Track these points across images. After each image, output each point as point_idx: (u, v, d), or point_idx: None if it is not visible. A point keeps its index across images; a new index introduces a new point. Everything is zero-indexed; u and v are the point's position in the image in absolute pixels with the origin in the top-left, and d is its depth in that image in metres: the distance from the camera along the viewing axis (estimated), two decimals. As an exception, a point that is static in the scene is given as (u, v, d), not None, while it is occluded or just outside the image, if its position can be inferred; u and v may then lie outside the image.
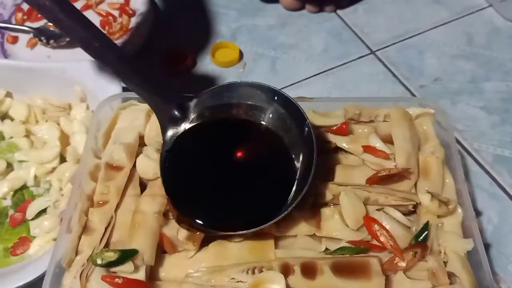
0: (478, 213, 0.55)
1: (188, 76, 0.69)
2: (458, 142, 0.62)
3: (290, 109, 0.46)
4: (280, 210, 0.42)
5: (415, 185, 0.47)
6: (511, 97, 0.66)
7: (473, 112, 0.65)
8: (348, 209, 0.45)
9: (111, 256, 0.41)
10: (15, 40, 0.72)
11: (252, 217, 0.43)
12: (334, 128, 0.50)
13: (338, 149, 0.50)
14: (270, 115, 0.47)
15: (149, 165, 0.48)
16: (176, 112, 0.47)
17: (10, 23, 0.74)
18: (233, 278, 0.42)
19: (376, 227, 0.44)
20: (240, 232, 0.43)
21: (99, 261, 0.41)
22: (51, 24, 0.44)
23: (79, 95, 0.60)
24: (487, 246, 0.53)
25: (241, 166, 0.47)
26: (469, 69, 0.70)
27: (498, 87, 0.68)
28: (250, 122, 0.47)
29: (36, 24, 0.73)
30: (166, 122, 0.47)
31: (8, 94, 0.62)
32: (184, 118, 0.47)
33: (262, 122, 0.47)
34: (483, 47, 0.72)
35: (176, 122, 0.47)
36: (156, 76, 0.47)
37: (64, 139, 0.58)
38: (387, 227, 0.44)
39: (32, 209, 0.54)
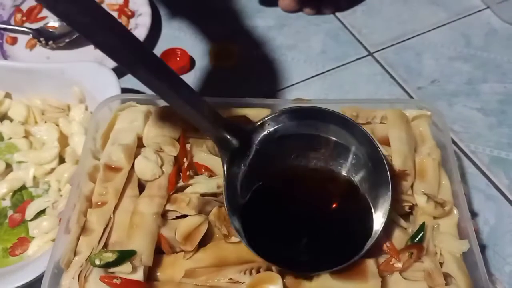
0: (474, 214, 0.56)
1: (187, 77, 0.69)
2: (455, 143, 0.62)
3: (370, 149, 0.44)
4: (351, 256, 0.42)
5: (412, 186, 0.47)
6: (508, 99, 0.67)
7: (470, 114, 0.65)
8: None
9: (110, 256, 0.41)
10: (14, 41, 0.72)
11: (323, 259, 0.43)
12: (331, 129, 0.50)
13: (335, 151, 0.50)
14: (353, 156, 0.45)
15: (147, 166, 0.48)
16: (233, 141, 0.44)
17: (9, 24, 0.74)
18: (230, 279, 0.42)
19: (373, 228, 0.44)
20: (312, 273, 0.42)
21: (97, 262, 0.41)
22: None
23: (78, 96, 0.60)
24: (483, 247, 0.53)
25: (316, 210, 0.45)
26: (466, 71, 0.70)
27: (495, 88, 0.68)
28: (327, 169, 0.46)
29: (35, 25, 0.74)
30: (224, 152, 0.44)
31: (7, 95, 0.62)
32: (246, 148, 0.45)
33: (340, 169, 0.46)
34: (480, 48, 0.73)
35: (237, 153, 0.45)
36: (207, 102, 0.44)
37: (63, 140, 0.58)
38: (384, 228, 0.44)
39: (31, 210, 0.54)
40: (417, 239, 0.44)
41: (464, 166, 0.60)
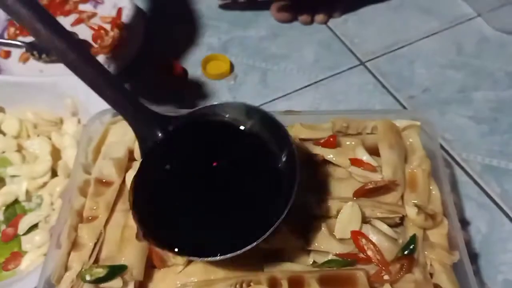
0: (466, 223, 0.56)
1: (180, 89, 0.70)
2: (447, 152, 0.62)
3: (272, 127, 0.44)
4: (264, 228, 0.39)
5: (402, 197, 0.48)
6: (500, 107, 0.67)
7: (462, 122, 0.65)
8: (344, 221, 0.45)
9: (100, 272, 0.41)
10: (7, 54, 0.73)
11: (237, 238, 0.40)
12: (322, 141, 0.51)
13: (326, 162, 0.51)
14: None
15: (139, 179, 0.48)
16: (159, 135, 0.45)
17: (3, 38, 0.74)
18: (221, 292, 0.42)
19: (363, 241, 0.44)
20: (222, 257, 0.40)
21: (88, 278, 0.41)
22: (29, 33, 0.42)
23: (71, 109, 0.60)
24: (475, 256, 0.53)
25: (220, 182, 0.44)
26: (458, 79, 0.70)
27: (487, 96, 0.68)
28: (230, 128, 0.45)
29: (28, 39, 0.74)
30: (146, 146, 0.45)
31: (0, 109, 0.63)
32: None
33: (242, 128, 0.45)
34: (472, 57, 0.73)
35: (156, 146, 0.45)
36: (135, 96, 0.45)
37: (56, 153, 0.58)
38: (374, 239, 0.44)
39: (23, 224, 0.54)
40: (408, 251, 0.44)
41: (456, 174, 0.60)
